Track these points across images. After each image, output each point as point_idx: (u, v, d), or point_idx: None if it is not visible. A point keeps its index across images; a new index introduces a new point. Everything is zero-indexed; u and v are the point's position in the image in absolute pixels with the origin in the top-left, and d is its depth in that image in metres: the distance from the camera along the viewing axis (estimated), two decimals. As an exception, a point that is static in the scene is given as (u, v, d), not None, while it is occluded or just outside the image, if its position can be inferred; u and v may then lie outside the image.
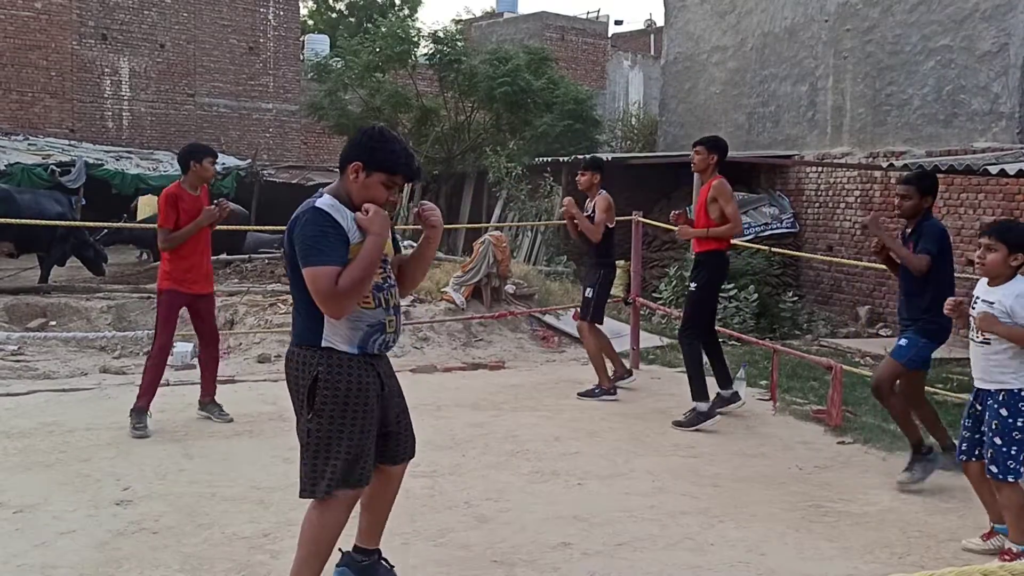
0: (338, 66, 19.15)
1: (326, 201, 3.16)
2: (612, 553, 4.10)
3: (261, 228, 15.13)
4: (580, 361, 8.79)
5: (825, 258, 11.75)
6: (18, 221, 10.27)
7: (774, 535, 4.38)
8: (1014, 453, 3.96)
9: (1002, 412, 3.99)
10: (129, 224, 13.97)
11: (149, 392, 5.99)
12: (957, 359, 9.17)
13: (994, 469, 4.01)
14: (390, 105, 18.04)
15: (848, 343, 10.17)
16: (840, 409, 6.42)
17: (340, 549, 3.53)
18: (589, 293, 7.39)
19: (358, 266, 3.09)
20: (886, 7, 11.92)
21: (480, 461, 5.48)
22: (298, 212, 3.20)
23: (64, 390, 7.14)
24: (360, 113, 18.58)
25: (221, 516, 4.45)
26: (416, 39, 18.74)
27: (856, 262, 11.28)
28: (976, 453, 4.15)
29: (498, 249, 10.13)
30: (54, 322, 9.54)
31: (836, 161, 12.37)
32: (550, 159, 15.91)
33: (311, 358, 3.18)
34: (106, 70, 21.49)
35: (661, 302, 11.32)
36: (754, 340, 8.65)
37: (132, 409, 5.94)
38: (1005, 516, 4.10)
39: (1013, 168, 7.86)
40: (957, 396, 7.11)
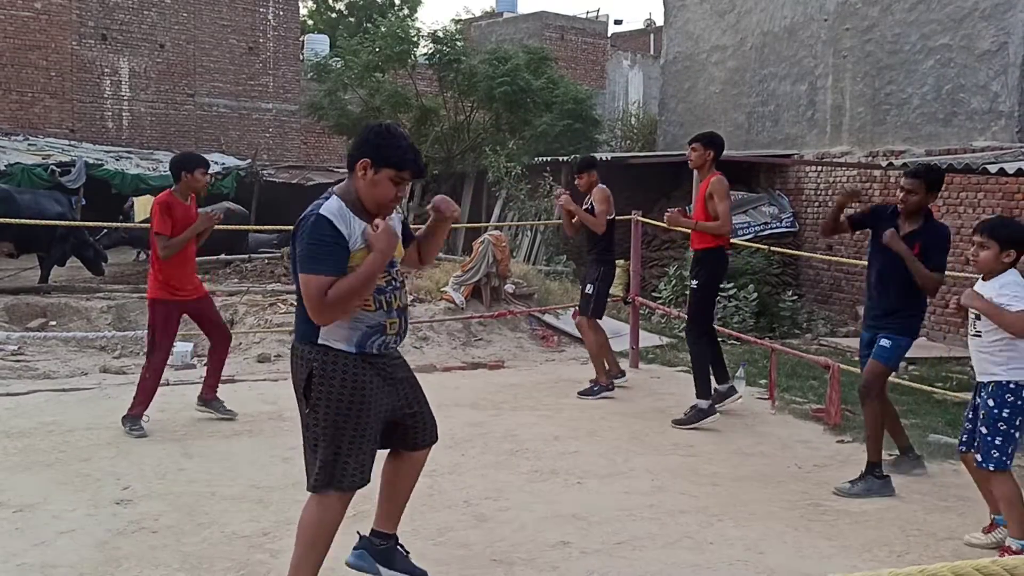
0: (338, 66, 19.15)
1: (332, 207, 3.17)
2: (611, 552, 4.10)
3: (261, 228, 15.15)
4: (580, 360, 8.79)
5: (824, 257, 11.74)
6: (18, 221, 10.28)
7: (773, 534, 4.38)
8: (999, 443, 4.08)
9: (990, 403, 4.12)
10: (128, 224, 13.97)
11: (145, 402, 5.99)
12: (957, 358, 9.19)
13: (978, 457, 4.15)
14: (390, 105, 18.03)
15: (847, 342, 10.17)
16: (839, 408, 6.43)
17: (359, 533, 3.61)
18: (589, 289, 7.41)
19: (353, 281, 3.11)
20: (885, 6, 11.92)
21: (479, 460, 5.48)
22: (305, 214, 3.21)
23: (64, 390, 7.15)
24: (360, 113, 18.57)
25: (221, 515, 4.46)
26: (416, 39, 18.74)
27: (856, 261, 11.26)
28: (975, 445, 4.22)
29: (498, 249, 10.13)
30: (54, 322, 9.55)
31: (835, 160, 12.37)
32: (550, 159, 15.91)
33: (308, 353, 3.24)
34: (106, 70, 21.48)
35: (661, 301, 11.33)
36: (753, 339, 8.66)
37: (125, 416, 5.94)
38: (1001, 509, 4.17)
39: (1012, 167, 7.88)
40: (957, 395, 7.12)
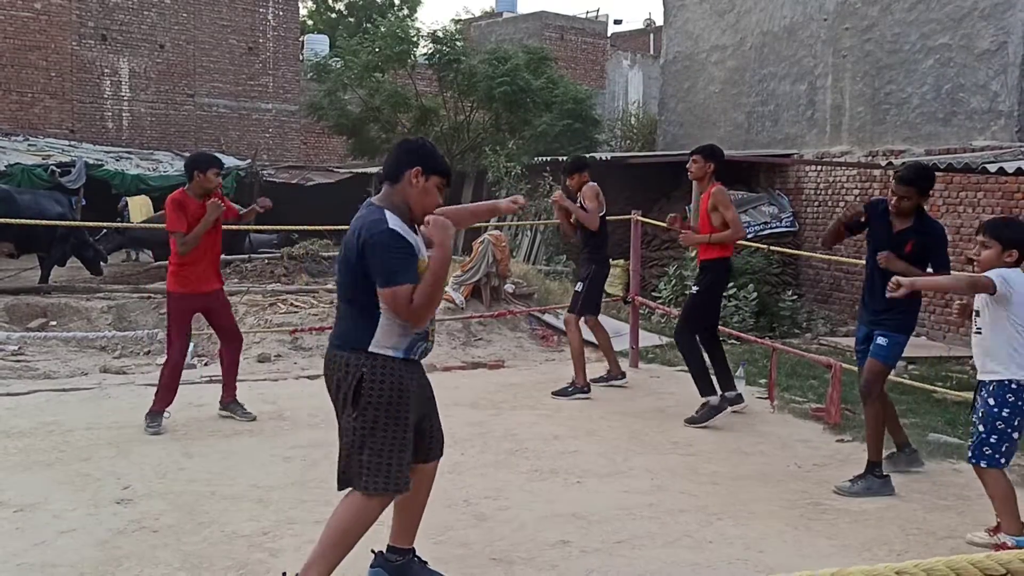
0: (337, 66, 19.16)
1: (396, 222, 3.31)
2: (611, 551, 4.10)
3: (261, 228, 15.12)
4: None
5: (824, 257, 11.73)
6: (18, 221, 10.28)
7: (773, 533, 4.38)
8: (993, 441, 4.10)
9: (990, 401, 4.12)
10: (127, 224, 13.97)
11: (167, 398, 6.06)
12: (956, 357, 9.20)
13: (968, 453, 4.19)
14: (389, 105, 18.05)
15: (847, 341, 10.15)
16: (839, 407, 6.43)
17: (373, 550, 3.60)
18: (579, 287, 7.45)
19: (430, 281, 3.28)
20: (885, 6, 11.92)
21: (479, 460, 5.48)
22: (370, 230, 3.25)
23: (64, 390, 7.14)
24: (359, 113, 18.58)
25: (221, 515, 4.46)
26: (415, 39, 18.75)
27: (856, 261, 11.23)
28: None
29: (497, 248, 10.13)
30: (54, 322, 9.55)
31: (835, 160, 12.37)
32: (549, 158, 15.92)
33: (355, 360, 3.31)
34: (106, 70, 21.50)
35: (660, 301, 11.33)
36: (753, 339, 8.66)
37: (148, 412, 5.99)
38: (993, 507, 4.17)
39: (1012, 166, 7.88)
40: (956, 394, 7.12)
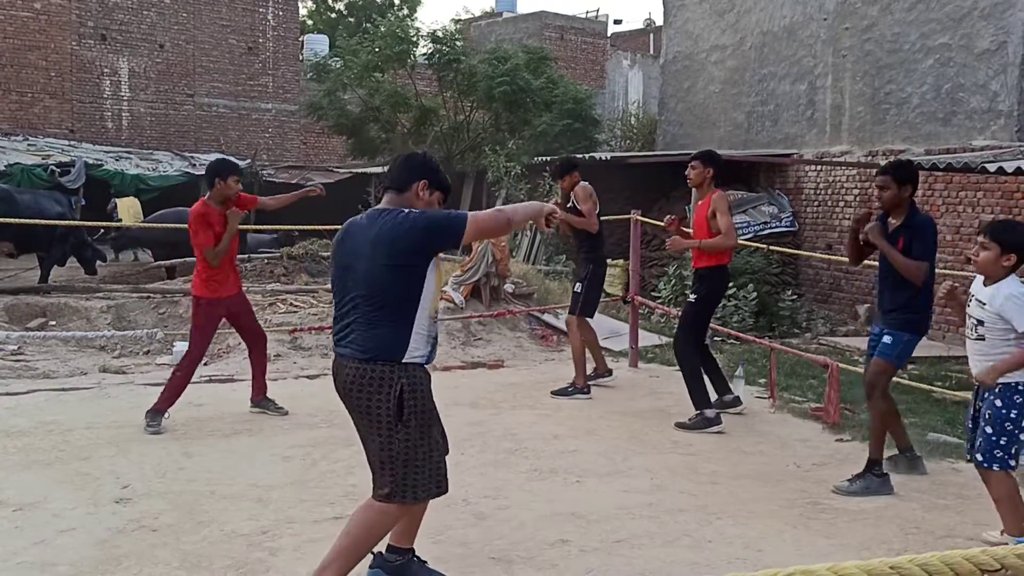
0: (337, 66, 19.15)
1: None
2: (610, 550, 4.11)
3: (261, 228, 15.15)
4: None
5: (824, 256, 11.74)
6: (18, 221, 10.28)
7: (772, 532, 4.39)
8: (1003, 443, 4.04)
9: (996, 403, 4.07)
10: (126, 224, 13.97)
11: (172, 399, 6.07)
12: (956, 357, 9.19)
13: (979, 457, 4.10)
14: (389, 105, 18.04)
15: (847, 341, 10.18)
16: (838, 407, 6.44)
17: (372, 552, 3.59)
18: (578, 288, 7.43)
19: (496, 215, 3.47)
20: (885, 5, 11.92)
21: (479, 459, 5.49)
22: (409, 216, 3.31)
23: (64, 389, 7.15)
24: (359, 113, 18.58)
25: (220, 514, 4.46)
26: (415, 39, 18.75)
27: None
28: (978, 445, 4.16)
29: (497, 248, 10.13)
30: (54, 322, 9.54)
31: (835, 160, 12.37)
32: (549, 158, 15.90)
33: (390, 373, 3.32)
34: (105, 70, 21.49)
35: (660, 301, 11.32)
36: (753, 339, 8.66)
37: (150, 410, 6.00)
38: (998, 509, 4.13)
39: (1011, 166, 7.87)
40: (955, 394, 7.12)
